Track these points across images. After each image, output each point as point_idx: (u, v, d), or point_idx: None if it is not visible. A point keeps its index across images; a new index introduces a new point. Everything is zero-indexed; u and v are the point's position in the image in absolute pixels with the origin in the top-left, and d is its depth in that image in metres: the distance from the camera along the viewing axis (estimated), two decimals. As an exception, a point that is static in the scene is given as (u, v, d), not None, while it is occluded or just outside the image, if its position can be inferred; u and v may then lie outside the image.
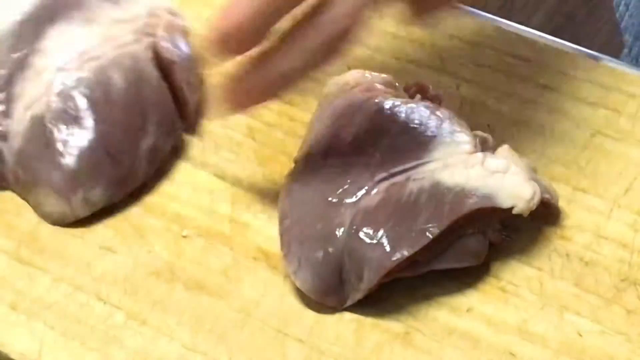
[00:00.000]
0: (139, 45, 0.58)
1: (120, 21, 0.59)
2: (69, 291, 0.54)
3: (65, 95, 0.56)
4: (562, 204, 0.56)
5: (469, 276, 0.54)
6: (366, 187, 0.53)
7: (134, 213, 0.57)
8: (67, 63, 0.57)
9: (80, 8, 0.59)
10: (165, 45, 0.59)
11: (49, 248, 0.56)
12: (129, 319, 0.53)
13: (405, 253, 0.51)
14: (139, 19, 0.59)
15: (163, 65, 0.59)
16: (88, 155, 0.56)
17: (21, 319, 0.53)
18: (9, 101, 0.57)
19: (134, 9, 0.59)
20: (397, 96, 0.57)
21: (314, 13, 0.49)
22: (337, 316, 0.53)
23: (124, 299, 0.54)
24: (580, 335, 0.53)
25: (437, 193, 0.52)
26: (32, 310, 0.53)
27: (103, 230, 0.56)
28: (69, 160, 0.56)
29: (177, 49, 0.60)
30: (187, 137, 0.60)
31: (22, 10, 0.59)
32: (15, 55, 0.58)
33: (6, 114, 0.57)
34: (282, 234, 0.54)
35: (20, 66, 0.57)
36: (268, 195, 0.58)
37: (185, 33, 0.61)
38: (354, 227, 0.52)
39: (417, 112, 0.55)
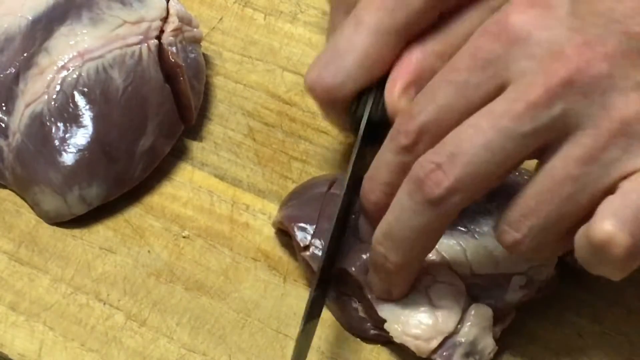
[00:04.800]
0: (143, 46, 0.58)
1: (127, 22, 0.59)
2: (68, 292, 0.54)
3: (64, 93, 0.56)
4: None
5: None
6: None
7: (134, 213, 0.57)
8: (68, 62, 0.57)
9: (90, 8, 0.59)
10: (171, 48, 0.59)
11: (49, 248, 0.56)
12: (129, 319, 0.53)
13: None
14: (147, 21, 0.59)
15: (168, 68, 0.59)
16: (84, 153, 0.56)
17: (21, 320, 0.53)
18: (12, 99, 0.57)
19: (143, 12, 0.59)
20: None
21: None
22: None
23: (124, 300, 0.54)
24: (581, 336, 0.53)
25: None
26: (31, 310, 0.53)
27: (103, 230, 0.56)
28: (66, 157, 0.56)
29: (183, 53, 0.60)
30: (187, 138, 0.60)
31: (35, 11, 0.59)
32: (25, 55, 0.58)
33: (8, 111, 0.57)
34: None
35: (27, 65, 0.58)
36: (268, 195, 0.58)
37: (194, 38, 0.61)
38: None
39: None
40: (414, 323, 0.49)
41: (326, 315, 0.53)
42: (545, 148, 0.44)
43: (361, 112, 0.51)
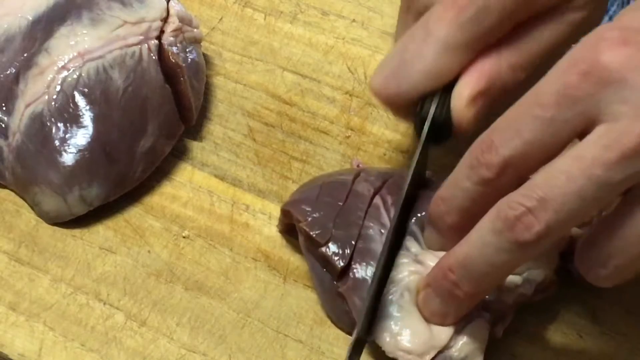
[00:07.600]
0: (143, 47, 0.58)
1: (128, 23, 0.59)
2: (68, 292, 0.54)
3: (64, 94, 0.56)
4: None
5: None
6: None
7: (134, 213, 0.57)
8: (68, 62, 0.57)
9: (90, 8, 0.59)
10: (171, 49, 0.59)
11: (49, 248, 0.56)
12: (129, 319, 0.53)
13: None
14: (147, 21, 0.59)
15: (168, 68, 0.59)
16: (85, 153, 0.56)
17: (21, 320, 0.53)
18: (13, 99, 0.57)
19: (144, 12, 0.59)
20: None
21: None
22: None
23: (124, 300, 0.54)
24: (581, 336, 0.53)
25: None
26: (31, 311, 0.53)
27: (103, 230, 0.56)
28: (66, 157, 0.56)
29: (183, 53, 0.60)
30: (187, 138, 0.60)
31: (35, 11, 0.59)
32: (25, 55, 0.58)
33: (8, 111, 0.57)
34: None
35: (27, 65, 0.58)
36: (268, 195, 0.58)
37: (194, 39, 0.61)
38: None
39: None
40: (407, 336, 0.49)
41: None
42: (631, 189, 0.43)
43: (426, 113, 0.51)
